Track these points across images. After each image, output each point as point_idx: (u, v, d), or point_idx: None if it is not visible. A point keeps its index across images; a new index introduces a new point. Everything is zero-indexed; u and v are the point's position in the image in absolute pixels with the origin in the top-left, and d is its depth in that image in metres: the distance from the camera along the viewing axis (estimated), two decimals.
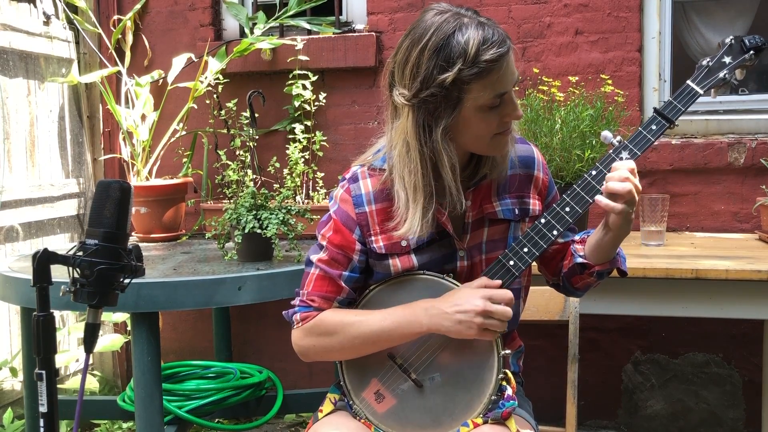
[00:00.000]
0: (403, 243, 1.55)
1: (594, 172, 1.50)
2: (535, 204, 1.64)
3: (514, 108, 1.47)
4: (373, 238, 1.57)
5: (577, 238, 1.64)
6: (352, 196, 1.58)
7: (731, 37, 1.54)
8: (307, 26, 3.23)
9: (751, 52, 1.51)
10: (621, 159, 1.49)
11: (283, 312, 1.63)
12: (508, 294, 1.47)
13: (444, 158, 1.45)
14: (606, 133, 1.53)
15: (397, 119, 1.49)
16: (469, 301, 1.45)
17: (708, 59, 1.53)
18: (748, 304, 2.28)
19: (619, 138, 1.51)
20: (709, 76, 1.52)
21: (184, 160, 3.24)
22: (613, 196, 1.45)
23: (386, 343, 1.52)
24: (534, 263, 1.71)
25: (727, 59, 1.52)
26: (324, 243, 1.59)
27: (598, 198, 1.47)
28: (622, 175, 1.44)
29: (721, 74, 1.51)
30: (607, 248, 1.54)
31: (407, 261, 1.56)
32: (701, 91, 1.51)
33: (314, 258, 1.59)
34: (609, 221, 1.48)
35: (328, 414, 1.61)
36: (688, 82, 1.52)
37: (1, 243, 2.99)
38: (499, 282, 1.50)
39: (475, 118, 1.45)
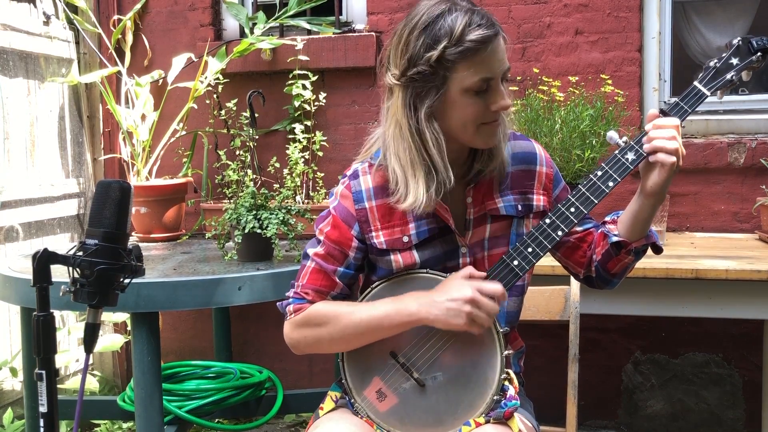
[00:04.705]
0: (405, 239, 1.56)
1: (599, 173, 1.49)
2: (539, 200, 1.63)
3: (501, 96, 1.47)
4: (373, 233, 1.57)
5: (608, 219, 1.63)
6: (353, 192, 1.58)
7: (738, 38, 1.52)
8: (307, 26, 3.23)
9: (759, 53, 1.50)
10: (625, 158, 1.48)
11: (277, 303, 1.64)
12: (498, 287, 1.46)
13: (428, 137, 1.46)
14: (612, 134, 1.52)
15: (390, 100, 1.52)
16: (459, 290, 1.45)
17: (715, 60, 1.52)
18: (748, 304, 2.28)
19: (625, 138, 1.50)
20: (716, 78, 1.50)
21: (184, 160, 3.24)
22: (655, 155, 1.43)
23: (376, 333, 1.52)
24: (559, 263, 1.72)
25: (734, 60, 1.51)
26: (321, 238, 1.60)
27: (649, 146, 1.43)
28: (670, 133, 1.43)
29: (729, 76, 1.50)
30: (643, 220, 1.51)
31: (409, 257, 1.57)
32: (708, 93, 1.50)
33: (311, 252, 1.60)
34: (648, 187, 1.46)
35: (329, 412, 1.61)
36: (695, 83, 1.51)
37: (1, 243, 2.99)
38: (483, 273, 1.50)
39: (460, 102, 1.45)
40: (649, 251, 1.60)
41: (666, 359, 3.04)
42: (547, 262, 2.17)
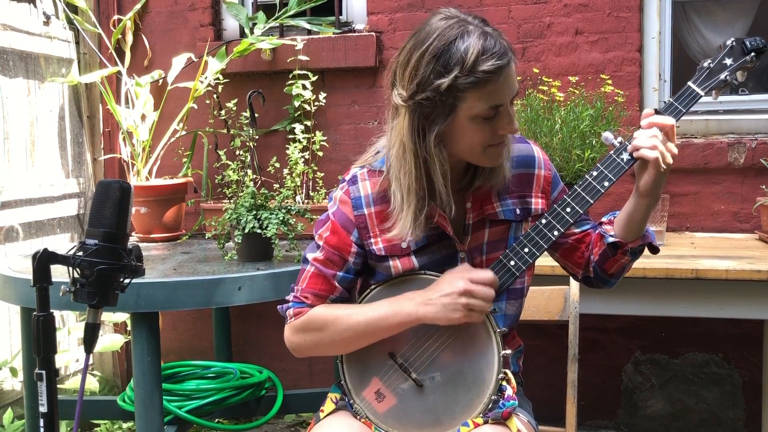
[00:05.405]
0: (403, 245, 1.56)
1: (595, 173, 1.50)
2: (538, 203, 1.64)
3: (509, 121, 1.46)
4: (372, 240, 1.57)
5: (604, 219, 1.63)
6: (351, 198, 1.58)
7: (732, 39, 1.53)
8: (307, 26, 3.23)
9: (752, 54, 1.51)
10: (620, 158, 1.49)
11: (278, 306, 1.65)
12: (488, 273, 1.48)
13: (436, 163, 1.46)
14: (607, 134, 1.53)
15: (396, 119, 1.49)
16: (451, 284, 1.47)
17: (709, 61, 1.53)
18: (748, 304, 2.28)
19: (620, 139, 1.51)
20: (710, 78, 1.52)
21: (184, 160, 3.24)
22: (638, 152, 1.45)
23: (375, 335, 1.53)
24: (557, 263, 1.72)
25: (728, 61, 1.52)
26: (321, 243, 1.60)
27: (630, 144, 1.45)
28: (650, 132, 1.44)
29: (722, 76, 1.51)
30: (639, 220, 1.52)
31: (408, 262, 1.57)
32: (702, 93, 1.51)
33: (310, 256, 1.61)
34: (640, 186, 1.47)
35: (329, 414, 1.62)
36: (689, 83, 1.52)
37: (1, 243, 2.99)
38: (478, 269, 1.51)
39: (468, 128, 1.44)
40: (646, 251, 1.60)
41: (666, 359, 3.04)
42: (547, 263, 2.17)
